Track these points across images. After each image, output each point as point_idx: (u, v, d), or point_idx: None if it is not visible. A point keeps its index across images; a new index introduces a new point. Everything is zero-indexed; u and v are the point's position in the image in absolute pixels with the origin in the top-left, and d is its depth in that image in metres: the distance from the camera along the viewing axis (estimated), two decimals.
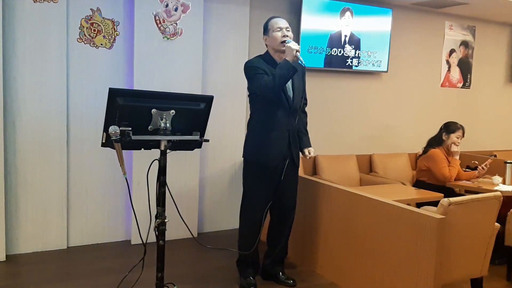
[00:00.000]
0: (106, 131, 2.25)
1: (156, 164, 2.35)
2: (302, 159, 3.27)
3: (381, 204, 2.90)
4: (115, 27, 3.80)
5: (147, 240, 2.41)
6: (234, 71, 4.32)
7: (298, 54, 2.76)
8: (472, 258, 2.82)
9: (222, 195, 4.44)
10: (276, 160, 2.98)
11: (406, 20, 5.38)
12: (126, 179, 2.36)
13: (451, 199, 2.59)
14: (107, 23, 3.77)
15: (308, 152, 3.17)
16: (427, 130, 4.77)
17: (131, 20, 3.83)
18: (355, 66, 5.00)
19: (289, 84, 2.95)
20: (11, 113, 3.51)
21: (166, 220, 2.40)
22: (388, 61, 5.16)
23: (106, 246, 3.90)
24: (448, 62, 5.84)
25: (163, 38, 3.89)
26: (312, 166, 4.84)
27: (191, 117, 2.44)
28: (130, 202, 3.91)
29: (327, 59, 4.82)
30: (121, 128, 2.20)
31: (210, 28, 4.19)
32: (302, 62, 2.80)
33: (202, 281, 3.26)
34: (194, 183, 4.17)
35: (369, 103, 5.32)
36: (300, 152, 3.18)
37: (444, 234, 2.53)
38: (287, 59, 2.76)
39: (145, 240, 2.42)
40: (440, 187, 4.08)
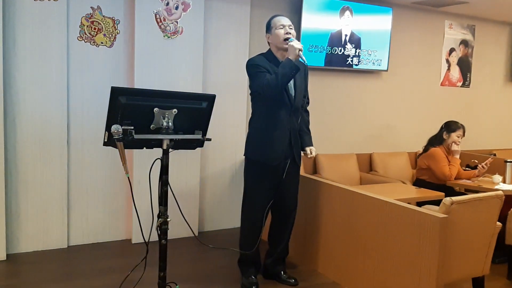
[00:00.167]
0: (108, 130, 2.24)
1: (157, 163, 2.35)
2: (303, 158, 3.25)
3: (383, 203, 2.89)
4: (116, 25, 3.79)
5: (152, 239, 2.41)
6: (235, 70, 4.31)
7: (301, 53, 2.74)
8: (473, 257, 2.82)
9: (223, 194, 4.43)
10: (278, 159, 2.97)
11: (406, 19, 5.38)
12: (128, 178, 2.36)
13: (454, 198, 2.59)
14: (107, 21, 3.75)
15: (309, 151, 3.14)
16: (427, 129, 4.78)
17: (132, 19, 3.82)
18: (356, 65, 5.00)
19: (291, 83, 2.94)
20: (12, 111, 3.49)
21: (168, 219, 2.39)
22: (388, 60, 5.16)
23: (107, 245, 3.89)
24: (448, 61, 5.84)
25: (164, 36, 3.88)
26: (313, 165, 4.84)
27: (193, 116, 2.43)
28: (131, 201, 3.96)
29: (328, 58, 4.82)
30: (123, 127, 2.19)
31: (211, 26, 4.18)
32: (304, 61, 2.79)
33: (204, 280, 3.26)
34: (195, 182, 4.16)
35: (369, 102, 5.32)
36: (302, 151, 3.17)
37: (447, 233, 2.53)
38: (290, 58, 2.74)
39: (147, 239, 2.42)
40: (440, 186, 4.08)
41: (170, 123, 2.33)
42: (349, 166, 5.02)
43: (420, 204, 3.43)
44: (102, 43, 3.76)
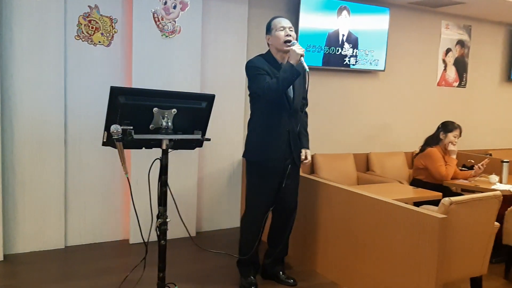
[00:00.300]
0: (107, 130, 2.23)
1: (155, 163, 2.34)
2: None
3: (382, 204, 2.89)
4: (113, 24, 3.77)
5: (145, 239, 2.40)
6: (233, 69, 4.31)
7: (302, 59, 2.71)
8: (472, 257, 2.82)
9: (220, 194, 4.42)
10: (277, 160, 2.97)
11: (403, 19, 5.39)
12: (127, 178, 2.35)
13: (453, 199, 2.60)
14: (105, 20, 3.73)
15: (304, 154, 3.10)
16: (423, 129, 4.80)
17: (130, 18, 3.80)
18: (353, 65, 5.00)
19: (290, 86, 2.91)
20: (8, 111, 3.47)
21: (167, 220, 2.38)
22: (385, 60, 5.17)
23: (104, 246, 3.87)
24: (444, 61, 5.86)
25: (162, 35, 3.86)
26: (310, 165, 4.84)
27: (192, 116, 2.43)
28: (128, 201, 3.95)
29: (325, 58, 4.82)
30: (122, 127, 2.18)
31: (209, 26, 4.17)
32: (305, 68, 2.72)
33: (202, 281, 3.25)
34: (193, 182, 4.15)
35: (366, 102, 5.32)
36: None
37: (446, 234, 2.53)
38: (291, 62, 2.72)
39: (146, 240, 2.41)
40: (437, 186, 4.10)
41: (170, 123, 2.32)
42: (346, 166, 5.02)
43: (416, 204, 3.44)
44: (99, 42, 3.74)
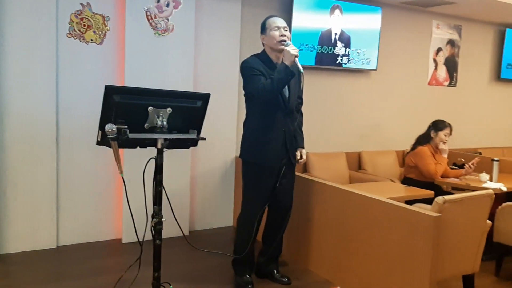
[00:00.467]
0: (102, 129, 2.21)
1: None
2: None
3: (376, 202, 2.91)
4: (106, 22, 3.74)
5: (140, 239, 2.39)
6: (226, 68, 4.30)
7: (296, 60, 2.70)
8: (464, 255, 2.86)
9: (213, 193, 4.41)
10: (273, 160, 2.97)
11: (395, 19, 5.42)
12: (122, 177, 2.34)
13: (446, 197, 2.62)
14: (97, 18, 3.70)
15: (299, 153, 3.12)
16: (414, 128, 4.84)
17: (122, 16, 3.77)
18: (345, 64, 5.02)
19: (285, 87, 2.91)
20: None
21: (163, 219, 2.38)
22: (377, 59, 5.19)
23: (97, 245, 3.84)
24: (435, 61, 5.90)
25: (155, 34, 3.84)
26: (303, 164, 4.84)
27: (187, 115, 2.42)
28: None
29: (318, 57, 4.83)
30: (117, 126, 2.16)
31: (202, 24, 4.15)
32: (300, 69, 2.70)
33: (197, 280, 3.24)
34: (185, 181, 4.13)
35: (358, 101, 5.35)
36: None
37: (440, 232, 2.56)
38: (285, 63, 2.71)
39: (141, 239, 2.40)
40: (428, 184, 4.13)
41: (165, 122, 2.31)
42: (338, 165, 5.04)
43: (407, 202, 3.46)
44: (91, 40, 3.70)
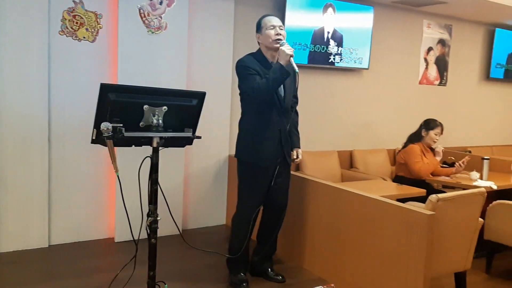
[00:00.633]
0: (97, 128, 2.20)
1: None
2: None
3: (370, 200, 2.93)
4: (98, 20, 3.71)
5: (135, 238, 2.38)
6: (219, 66, 4.29)
7: (291, 60, 2.71)
8: (457, 252, 2.89)
9: (206, 192, 4.40)
10: (269, 160, 2.97)
11: (386, 18, 5.45)
12: (118, 176, 2.33)
13: (440, 196, 2.65)
14: (90, 15, 3.67)
15: (296, 153, 3.15)
16: (405, 127, 4.88)
17: (115, 13, 3.74)
18: (337, 62, 5.04)
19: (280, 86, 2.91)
20: None
21: (158, 218, 2.37)
22: (369, 58, 5.22)
23: (89, 244, 3.81)
24: (426, 60, 5.95)
25: (148, 32, 3.82)
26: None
27: (183, 113, 2.42)
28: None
29: (311, 56, 4.84)
30: (112, 124, 2.15)
31: (195, 22, 4.13)
32: (295, 69, 2.72)
33: (191, 279, 3.23)
34: (179, 180, 4.12)
35: (350, 100, 5.37)
36: None
37: (434, 230, 2.58)
38: (281, 63, 2.72)
39: (136, 238, 2.39)
40: (419, 182, 4.16)
41: (160, 121, 2.30)
42: (330, 163, 5.06)
43: (399, 200, 3.48)
44: (84, 38, 3.67)
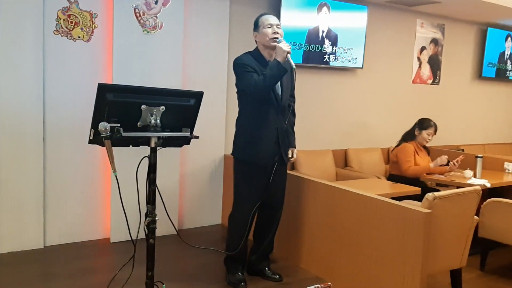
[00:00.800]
0: (94, 128, 2.19)
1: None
2: None
3: (367, 199, 2.94)
4: (93, 19, 3.68)
5: (129, 238, 2.37)
6: (214, 66, 4.29)
7: (289, 56, 2.72)
8: (452, 250, 2.91)
9: (202, 191, 4.40)
10: (266, 158, 2.97)
11: (380, 18, 5.48)
12: (116, 176, 2.32)
13: (436, 194, 2.67)
14: (84, 15, 3.64)
15: (291, 152, 3.17)
16: (399, 126, 4.91)
17: (110, 13, 3.72)
18: (332, 62, 5.05)
19: (277, 83, 2.92)
20: None
21: (156, 218, 2.37)
22: (363, 57, 5.24)
23: (85, 245, 3.79)
24: (419, 59, 5.99)
25: (143, 31, 3.81)
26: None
27: (180, 113, 2.41)
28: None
29: (305, 55, 4.85)
30: (110, 124, 2.14)
31: (190, 21, 4.13)
32: (292, 65, 2.75)
33: (189, 279, 3.22)
34: (174, 179, 4.11)
35: (344, 99, 5.39)
36: None
37: (430, 228, 2.60)
38: (278, 59, 2.73)
39: (134, 238, 2.38)
40: (413, 181, 4.18)
41: (158, 121, 2.30)
42: (325, 162, 5.08)
43: (394, 199, 3.50)
44: (79, 37, 3.65)
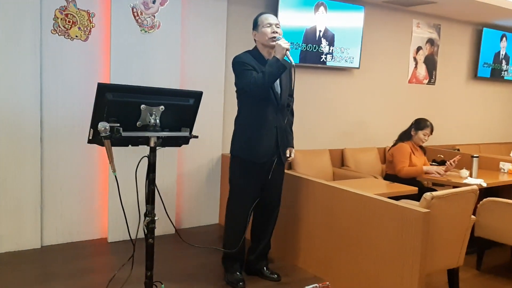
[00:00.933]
0: (94, 127, 2.19)
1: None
2: None
3: (366, 199, 2.95)
4: (91, 18, 3.67)
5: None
6: (212, 65, 4.29)
7: (288, 53, 2.74)
8: (450, 249, 2.93)
9: (199, 191, 4.40)
10: (264, 157, 2.98)
11: (377, 18, 5.49)
12: (115, 176, 2.32)
13: (434, 193, 2.68)
14: (82, 14, 3.63)
15: (289, 152, 3.18)
16: (395, 125, 4.93)
17: (108, 12, 3.71)
18: (329, 62, 5.07)
19: (277, 81, 2.94)
20: None
21: (156, 218, 2.37)
22: (360, 57, 5.26)
23: (82, 245, 3.78)
24: (415, 59, 6.01)
25: (141, 31, 3.80)
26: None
27: (180, 113, 2.41)
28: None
29: (302, 55, 4.86)
30: (110, 124, 2.14)
31: (188, 21, 4.12)
32: (291, 62, 2.77)
33: (187, 278, 3.22)
34: (172, 179, 4.11)
35: (341, 99, 5.40)
36: None
37: (429, 227, 2.62)
38: (277, 57, 2.74)
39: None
40: (408, 180, 4.20)
41: (157, 120, 2.30)
42: (322, 162, 5.09)
43: (391, 198, 3.52)
44: (76, 36, 3.64)
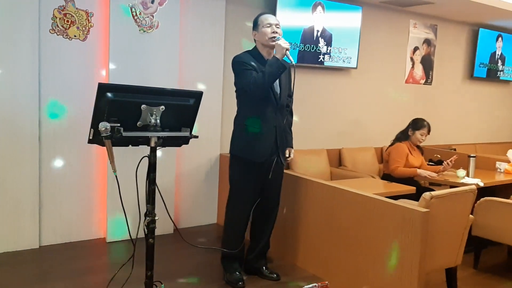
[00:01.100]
0: (94, 127, 2.19)
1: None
2: None
3: (365, 198, 2.96)
4: (89, 18, 3.67)
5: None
6: (210, 65, 4.29)
7: (287, 53, 2.75)
8: (449, 248, 2.95)
9: (198, 191, 4.40)
10: (264, 156, 2.98)
11: (374, 18, 5.51)
12: (116, 176, 2.32)
13: (433, 193, 2.70)
14: (80, 14, 3.62)
15: (288, 152, 3.19)
16: (392, 125, 4.95)
17: (106, 12, 3.71)
18: (326, 62, 5.08)
19: (276, 81, 2.94)
20: None
21: (156, 218, 2.37)
22: (357, 57, 5.27)
23: (80, 245, 3.77)
24: (412, 59, 6.04)
25: (139, 30, 3.80)
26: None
27: (180, 113, 2.42)
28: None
29: (300, 55, 4.87)
30: (110, 124, 2.14)
31: (187, 21, 4.12)
32: (291, 61, 2.79)
33: (188, 278, 3.21)
34: (171, 179, 4.11)
35: (339, 99, 5.42)
36: None
37: (428, 227, 2.63)
38: (276, 56, 2.75)
39: (134, 237, 2.38)
40: (405, 180, 4.22)
41: (158, 120, 2.30)
42: (320, 161, 5.10)
43: (389, 198, 3.53)
44: (75, 36, 3.63)
